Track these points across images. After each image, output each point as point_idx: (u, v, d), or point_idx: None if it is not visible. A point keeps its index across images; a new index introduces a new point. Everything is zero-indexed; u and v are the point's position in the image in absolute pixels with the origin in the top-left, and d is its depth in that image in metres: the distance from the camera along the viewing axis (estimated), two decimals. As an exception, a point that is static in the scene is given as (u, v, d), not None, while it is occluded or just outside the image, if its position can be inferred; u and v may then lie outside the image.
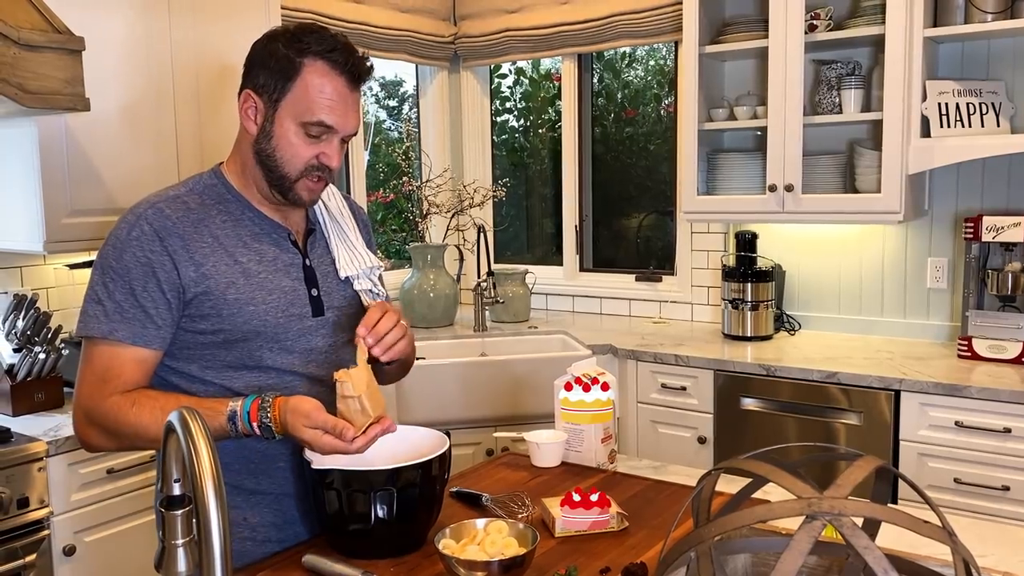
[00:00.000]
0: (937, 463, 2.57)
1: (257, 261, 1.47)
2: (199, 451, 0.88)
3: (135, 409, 1.37)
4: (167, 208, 1.43)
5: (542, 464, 1.82)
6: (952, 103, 2.81)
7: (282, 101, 1.41)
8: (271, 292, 1.46)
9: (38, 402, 2.43)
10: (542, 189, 4.29)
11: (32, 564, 2.14)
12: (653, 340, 3.26)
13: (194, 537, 1.00)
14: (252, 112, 1.44)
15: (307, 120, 1.41)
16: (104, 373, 1.39)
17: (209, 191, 1.49)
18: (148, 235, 1.40)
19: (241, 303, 1.43)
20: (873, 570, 0.74)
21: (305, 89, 1.40)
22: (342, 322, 1.54)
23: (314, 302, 1.51)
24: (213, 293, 1.41)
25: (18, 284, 2.69)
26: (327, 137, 1.43)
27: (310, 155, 1.43)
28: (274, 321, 1.46)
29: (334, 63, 1.41)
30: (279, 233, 1.51)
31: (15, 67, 2.04)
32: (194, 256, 1.41)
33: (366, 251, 1.61)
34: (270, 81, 1.42)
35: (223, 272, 1.42)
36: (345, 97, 1.43)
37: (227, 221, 1.47)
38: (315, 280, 1.52)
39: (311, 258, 1.54)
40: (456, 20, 4.09)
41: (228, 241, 1.45)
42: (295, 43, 1.41)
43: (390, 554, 1.40)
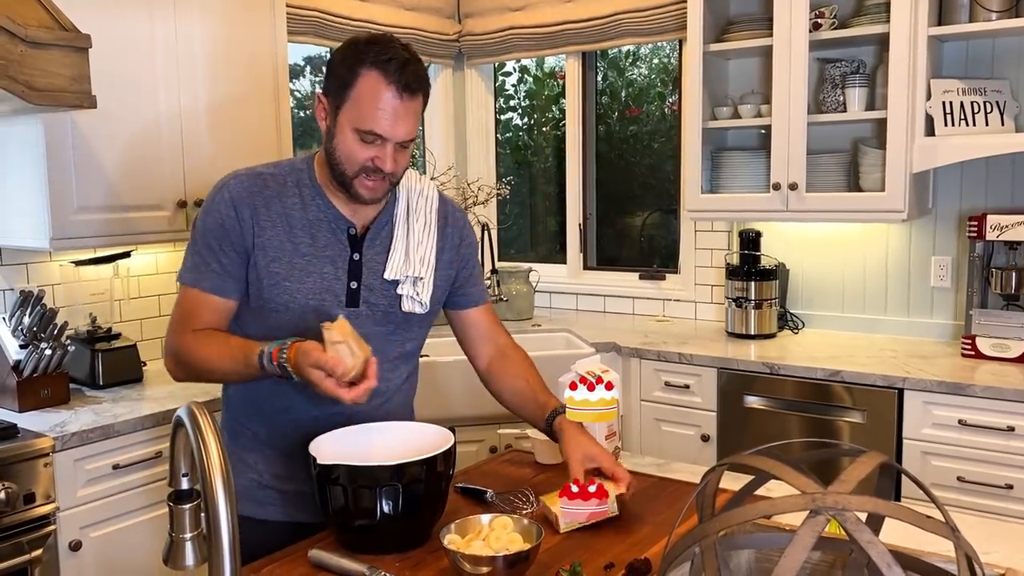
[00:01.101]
0: (940, 462, 2.57)
1: (309, 244, 1.60)
2: (208, 445, 0.89)
3: (202, 344, 1.58)
4: (247, 180, 1.61)
5: (546, 461, 1.83)
6: (956, 102, 2.81)
7: (342, 107, 1.53)
8: (310, 275, 1.59)
9: (44, 398, 2.44)
10: (546, 187, 4.30)
11: (38, 559, 2.15)
12: (657, 338, 3.26)
13: (202, 531, 1.01)
14: (323, 114, 1.58)
15: (360, 128, 1.52)
16: (186, 315, 1.60)
17: (294, 174, 1.64)
18: (225, 201, 1.59)
19: (280, 277, 1.58)
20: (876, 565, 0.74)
21: (359, 98, 1.51)
22: (376, 317, 1.65)
23: (351, 293, 1.62)
24: (260, 262, 1.58)
25: (24, 280, 2.70)
26: (380, 143, 1.53)
27: (365, 158, 1.54)
28: (303, 301, 1.59)
29: (387, 73, 1.50)
30: (339, 225, 1.63)
31: (22, 64, 2.05)
32: (258, 225, 1.58)
33: (422, 260, 1.67)
34: (333, 88, 1.54)
35: (275, 246, 1.58)
36: (395, 107, 1.51)
37: (297, 204, 1.61)
38: (359, 274, 1.63)
39: (364, 254, 1.64)
40: (460, 18, 4.09)
41: (291, 221, 1.60)
42: (357, 53, 1.52)
43: (395, 549, 1.41)
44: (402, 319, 1.68)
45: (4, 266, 2.67)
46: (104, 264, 2.79)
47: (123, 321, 2.91)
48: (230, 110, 2.86)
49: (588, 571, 1.31)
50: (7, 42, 2.02)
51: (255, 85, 2.94)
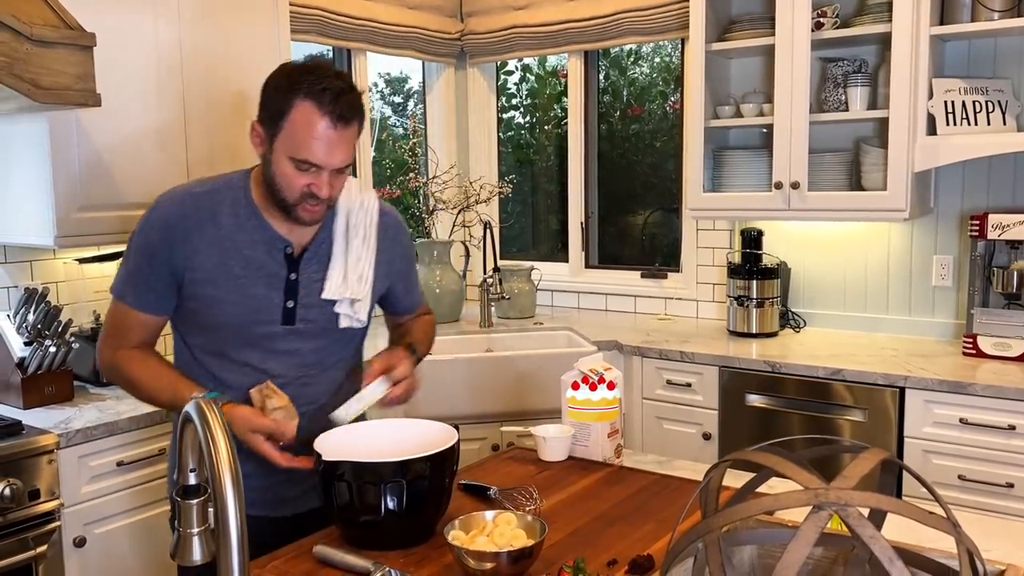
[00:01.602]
0: (942, 460, 2.58)
1: (243, 266, 1.61)
2: (217, 441, 0.90)
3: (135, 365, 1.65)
4: (180, 202, 1.62)
5: (549, 458, 1.84)
6: (958, 101, 2.81)
7: (277, 136, 1.54)
8: (244, 296, 1.61)
9: (49, 395, 2.45)
10: (548, 186, 4.30)
11: (43, 555, 2.16)
12: (658, 336, 3.27)
13: (209, 525, 1.02)
14: (258, 140, 1.59)
15: (295, 156, 1.53)
16: (117, 327, 1.67)
17: (230, 191, 1.64)
18: (156, 223, 1.61)
19: (214, 299, 1.61)
20: (879, 560, 0.75)
21: (293, 127, 1.52)
22: (314, 332, 1.67)
23: (286, 312, 1.64)
24: (195, 284, 1.61)
25: (29, 278, 2.71)
26: (316, 171, 1.54)
27: (302, 184, 1.55)
28: (238, 322, 1.62)
29: (321, 103, 1.50)
30: (275, 244, 1.63)
31: (28, 63, 2.06)
32: (189, 248, 1.59)
33: (359, 280, 1.68)
34: (267, 117, 1.56)
35: (208, 268, 1.60)
36: (330, 136, 1.52)
37: (231, 224, 1.62)
38: (295, 293, 1.64)
39: (300, 273, 1.65)
40: (463, 17, 4.10)
41: (224, 243, 1.61)
42: (290, 82, 1.53)
43: (400, 545, 1.42)
44: (340, 333, 1.71)
45: (9, 263, 2.68)
46: (108, 262, 2.79)
47: (127, 319, 2.92)
48: (232, 107, 2.86)
49: (591, 567, 1.32)
50: (12, 40, 2.02)
51: (258, 84, 2.93)
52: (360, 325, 1.72)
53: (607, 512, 1.57)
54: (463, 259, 3.92)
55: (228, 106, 2.85)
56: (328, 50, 3.75)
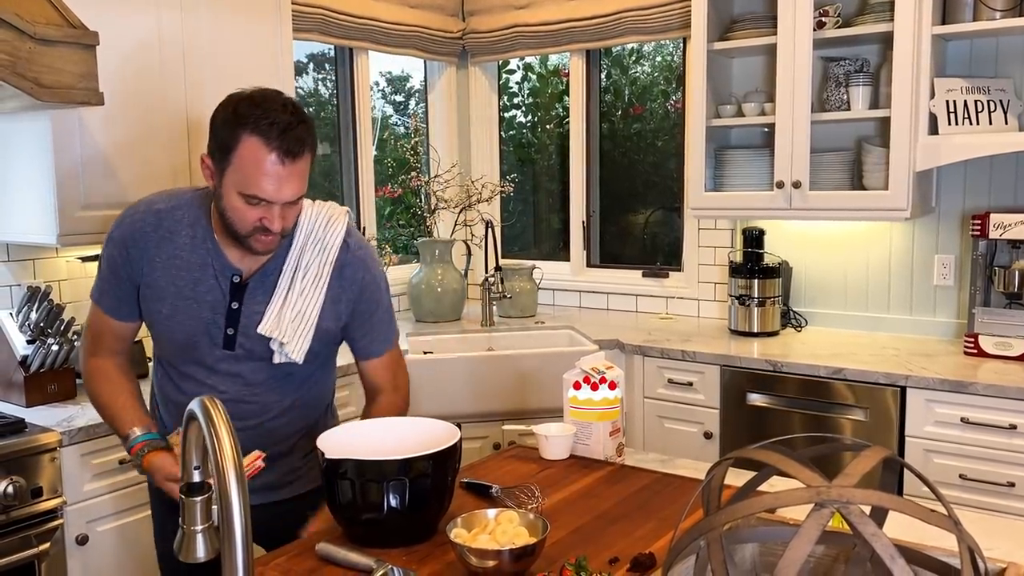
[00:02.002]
0: (943, 459, 2.58)
1: (191, 288, 1.64)
2: (221, 439, 0.90)
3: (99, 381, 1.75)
4: (143, 222, 1.65)
5: (551, 456, 1.84)
6: (960, 100, 2.81)
7: (225, 171, 1.52)
8: (190, 317, 1.65)
9: (51, 393, 2.46)
10: (549, 185, 4.30)
11: (46, 553, 2.16)
12: (660, 336, 3.27)
13: (213, 523, 1.03)
14: (208, 174, 1.57)
15: (244, 192, 1.51)
16: (93, 331, 1.76)
17: (191, 212, 1.65)
18: (119, 238, 1.66)
19: (163, 316, 1.67)
20: (880, 557, 0.75)
21: (241, 163, 1.49)
22: (252, 359, 1.69)
23: (227, 338, 1.67)
24: (147, 299, 1.67)
25: (31, 276, 2.71)
26: (266, 205, 1.52)
27: (254, 218, 1.53)
28: (185, 341, 1.67)
29: (268, 139, 1.47)
30: (224, 272, 1.64)
31: (31, 61, 2.06)
32: (147, 264, 1.65)
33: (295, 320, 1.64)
34: (216, 151, 1.53)
35: (160, 286, 1.65)
36: (279, 172, 1.49)
37: (187, 245, 1.64)
38: (236, 322, 1.65)
39: (244, 303, 1.65)
40: (464, 16, 4.10)
41: (179, 263, 1.64)
42: (237, 116, 1.49)
43: (402, 543, 1.42)
44: (279, 366, 1.69)
45: (11, 262, 2.68)
46: (110, 260, 2.80)
47: (129, 317, 2.92)
48: (236, 107, 2.87)
49: (593, 565, 1.33)
50: (15, 39, 2.03)
51: (260, 82, 2.91)
52: (295, 362, 1.66)
53: (609, 510, 1.57)
54: (464, 258, 3.92)
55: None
56: (329, 49, 3.76)
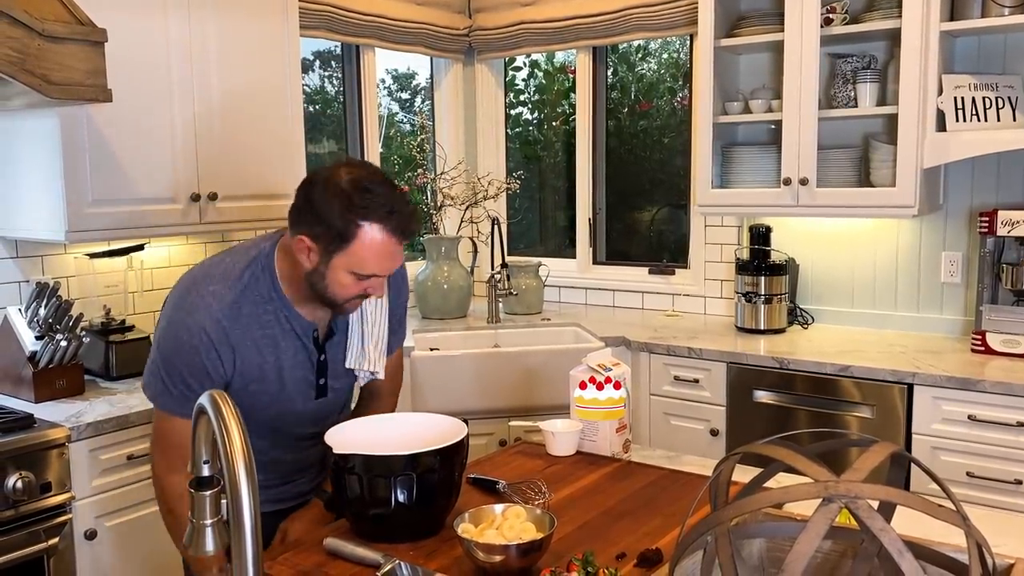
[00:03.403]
0: (950, 457, 2.58)
1: (284, 359, 1.65)
2: (231, 433, 0.90)
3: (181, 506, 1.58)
4: (224, 320, 1.58)
5: (557, 453, 1.84)
6: (968, 97, 2.80)
7: (337, 255, 1.53)
8: (285, 386, 1.67)
9: (60, 389, 2.47)
10: (555, 182, 4.30)
11: (54, 548, 2.17)
12: (666, 333, 3.27)
13: (222, 517, 1.03)
14: (307, 253, 1.55)
15: (359, 272, 1.55)
16: (168, 443, 1.62)
17: (258, 288, 1.62)
18: (206, 345, 1.56)
19: (259, 394, 1.65)
20: (888, 552, 0.76)
21: (360, 249, 1.52)
22: (339, 399, 1.79)
23: (319, 388, 1.72)
24: (239, 383, 1.62)
25: (40, 272, 2.73)
26: (376, 278, 1.58)
27: (358, 291, 1.58)
28: (280, 407, 1.68)
29: (392, 229, 1.52)
30: (306, 333, 1.67)
31: (39, 58, 2.07)
32: (236, 357, 1.60)
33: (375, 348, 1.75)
34: (327, 235, 1.52)
35: (252, 369, 1.62)
36: (393, 251, 1.55)
37: (270, 320, 1.63)
38: (325, 371, 1.72)
39: (328, 353, 1.71)
40: (471, 13, 4.10)
41: (265, 341, 1.62)
42: (354, 206, 1.50)
43: (409, 538, 1.43)
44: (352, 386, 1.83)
45: (20, 258, 2.69)
46: (118, 257, 2.81)
47: (137, 313, 2.93)
48: (242, 104, 2.88)
49: (600, 560, 1.33)
50: (24, 36, 2.04)
51: (267, 79, 2.96)
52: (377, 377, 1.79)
53: (615, 506, 1.58)
54: (471, 255, 3.92)
55: (238, 101, 2.86)
56: (336, 46, 3.76)
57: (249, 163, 2.91)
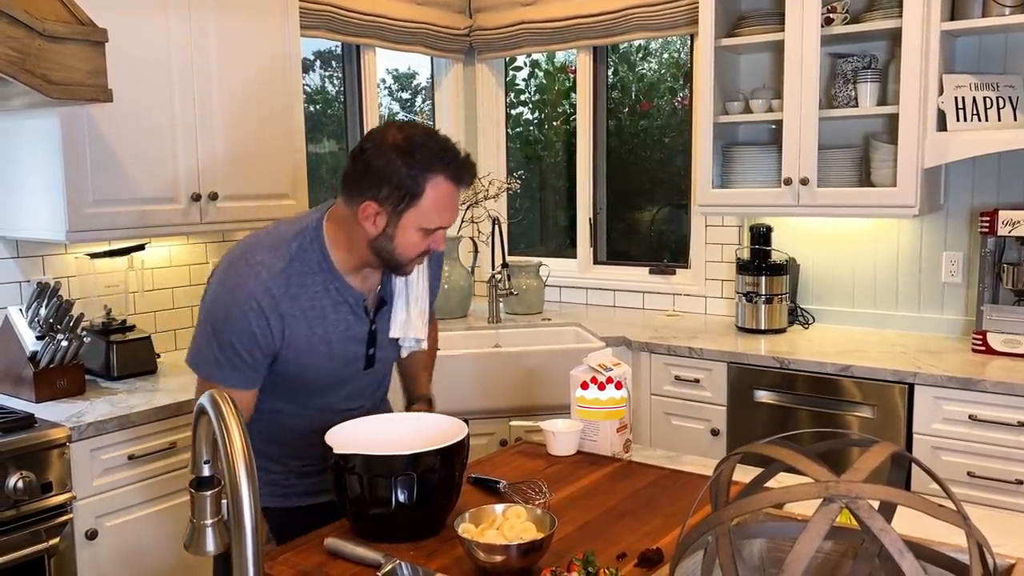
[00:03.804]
0: (951, 456, 2.58)
1: (333, 330, 1.66)
2: (231, 433, 0.90)
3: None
4: (274, 287, 1.59)
5: (558, 453, 1.84)
6: (969, 97, 2.80)
7: (407, 213, 1.56)
8: (334, 358, 1.67)
9: (60, 389, 2.47)
10: (556, 182, 4.30)
11: (55, 548, 2.17)
12: (667, 333, 3.27)
13: (223, 517, 1.03)
14: (374, 217, 1.57)
15: (428, 227, 1.58)
16: None
17: (310, 259, 1.62)
18: (256, 312, 1.57)
19: (308, 366, 1.65)
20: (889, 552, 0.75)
21: (429, 203, 1.56)
22: (385, 367, 1.82)
23: (368, 359, 1.74)
24: (289, 354, 1.62)
25: (40, 272, 2.73)
26: (438, 231, 1.62)
27: (423, 247, 1.62)
28: (328, 378, 1.69)
29: (453, 177, 1.57)
30: (356, 302, 1.68)
31: (40, 58, 2.07)
32: (286, 327, 1.60)
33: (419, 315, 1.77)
34: (395, 195, 1.55)
35: (303, 340, 1.62)
36: (456, 199, 1.62)
37: (319, 291, 1.63)
38: (375, 341, 1.73)
39: (377, 323, 1.72)
40: (471, 13, 4.10)
41: (314, 312, 1.63)
42: (416, 162, 1.53)
43: (410, 538, 1.43)
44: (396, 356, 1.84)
45: (21, 258, 2.69)
46: (119, 257, 2.81)
47: (137, 313, 2.94)
48: (243, 104, 2.88)
49: (601, 560, 1.33)
50: (25, 36, 2.04)
51: (268, 79, 2.96)
52: (421, 346, 1.81)
53: (616, 506, 1.58)
54: (471, 255, 3.92)
55: (239, 101, 2.86)
56: (336, 46, 3.76)
57: (250, 163, 2.91)
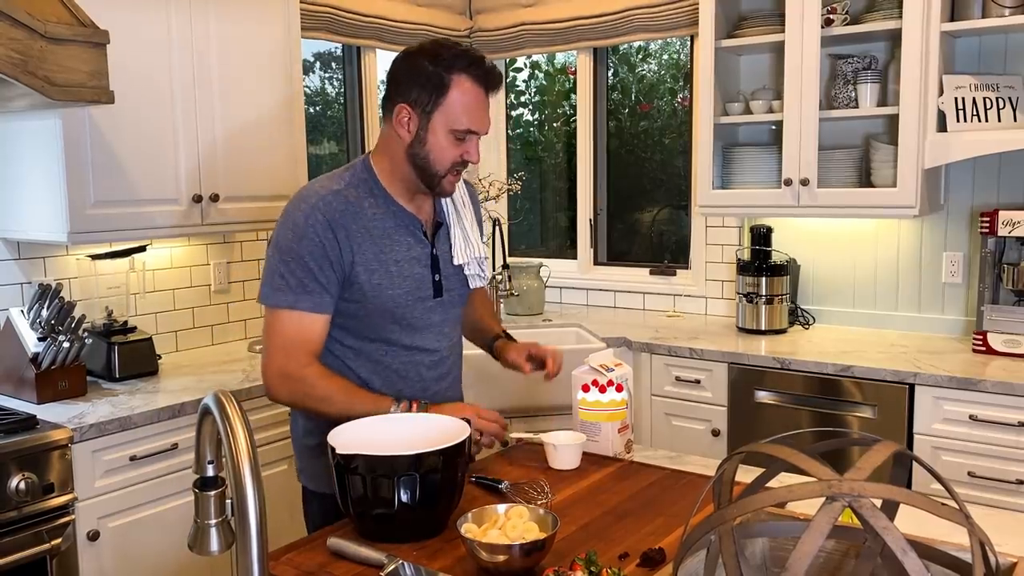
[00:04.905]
0: (951, 456, 2.58)
1: (398, 250, 1.72)
2: (236, 433, 0.91)
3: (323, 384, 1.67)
4: (334, 201, 1.67)
5: (560, 467, 1.78)
6: (969, 98, 2.81)
7: (434, 112, 1.65)
8: (405, 279, 1.73)
9: (62, 390, 2.47)
10: (556, 183, 4.31)
11: (57, 549, 2.18)
12: (667, 333, 3.27)
13: (227, 517, 1.03)
14: (407, 122, 1.67)
15: (456, 128, 1.66)
16: (295, 337, 1.66)
17: (362, 184, 1.72)
18: (322, 223, 1.65)
19: (381, 288, 1.70)
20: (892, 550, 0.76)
21: (455, 100, 1.65)
22: (454, 300, 1.84)
23: (436, 286, 1.78)
24: (361, 277, 1.68)
25: (42, 274, 2.73)
26: (469, 138, 1.69)
27: (457, 154, 1.69)
28: (403, 302, 1.73)
29: (476, 77, 1.65)
30: (414, 225, 1.76)
31: (42, 60, 2.07)
32: (353, 244, 1.67)
33: (478, 240, 1.87)
34: (423, 95, 1.65)
35: (370, 261, 1.69)
36: (483, 104, 1.68)
37: (376, 214, 1.71)
38: (438, 267, 1.79)
39: (437, 247, 1.79)
40: (472, 14, 4.11)
41: (376, 233, 1.70)
42: (441, 60, 1.64)
43: (413, 538, 1.43)
44: (466, 297, 1.89)
45: (22, 260, 2.70)
46: (120, 258, 2.81)
47: (139, 315, 2.94)
48: (243, 106, 2.88)
49: (603, 560, 1.33)
50: (27, 38, 2.04)
51: (269, 80, 2.96)
52: (484, 282, 1.88)
53: (618, 506, 1.58)
54: (472, 256, 3.92)
55: (240, 103, 2.87)
56: (336, 48, 3.77)
57: (251, 164, 2.91)
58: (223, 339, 3.25)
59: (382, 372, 1.75)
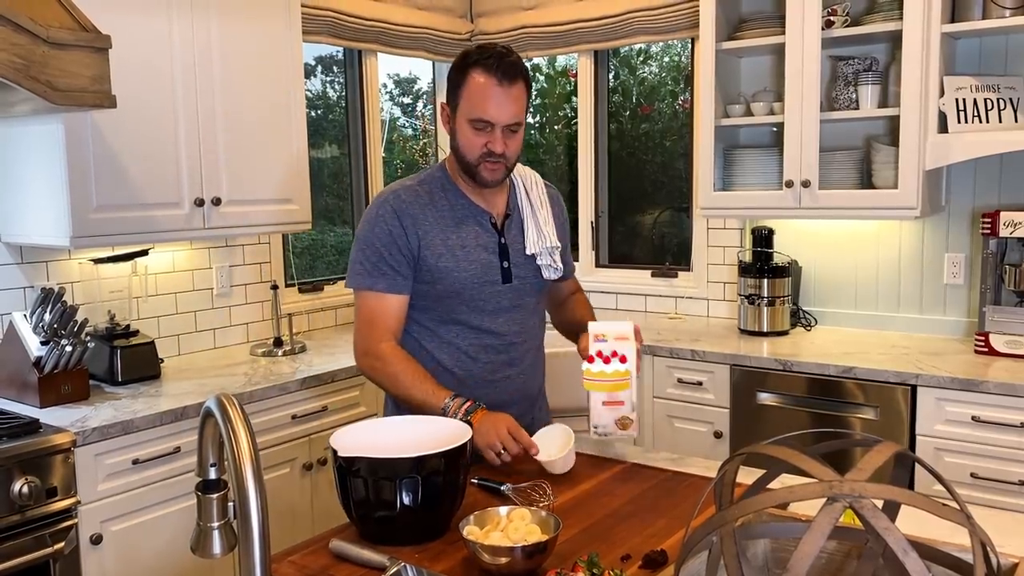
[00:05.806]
0: (953, 458, 2.58)
1: (464, 238, 1.88)
2: (238, 436, 0.91)
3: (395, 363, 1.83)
4: (404, 195, 1.88)
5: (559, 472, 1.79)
6: (970, 99, 2.81)
7: (458, 107, 1.82)
8: (471, 263, 1.87)
9: (65, 394, 2.47)
10: (558, 185, 4.26)
11: (60, 552, 2.18)
12: (669, 335, 3.27)
13: (229, 520, 1.04)
14: (445, 118, 1.87)
15: (471, 117, 1.80)
16: (373, 315, 1.87)
17: (435, 182, 1.92)
18: (390, 213, 1.86)
19: (448, 270, 1.85)
20: (893, 551, 0.76)
21: (468, 93, 1.80)
22: (525, 288, 1.94)
23: (504, 272, 1.90)
24: (429, 260, 1.85)
25: (44, 278, 2.73)
26: (490, 129, 1.80)
27: (480, 144, 1.81)
28: (470, 284, 1.87)
29: (488, 68, 1.77)
30: (482, 216, 1.91)
31: (44, 65, 2.08)
32: (419, 230, 1.85)
33: (551, 233, 1.97)
34: (451, 93, 1.83)
35: (437, 245, 1.86)
36: (497, 94, 1.78)
37: (445, 206, 1.89)
38: (507, 254, 1.91)
39: (506, 237, 1.92)
40: (473, 17, 4.11)
41: (444, 222, 1.88)
42: (463, 58, 1.81)
43: (415, 540, 1.43)
44: (541, 287, 1.99)
45: (25, 264, 2.70)
46: (123, 262, 2.82)
47: (141, 318, 2.94)
48: (245, 109, 2.89)
49: (605, 562, 1.33)
50: (29, 43, 2.05)
51: (270, 84, 2.97)
52: (558, 275, 1.97)
53: (620, 508, 1.58)
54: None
55: (241, 106, 2.87)
56: (338, 51, 3.77)
57: (253, 168, 2.92)
58: (225, 342, 3.25)
59: (453, 353, 1.89)
